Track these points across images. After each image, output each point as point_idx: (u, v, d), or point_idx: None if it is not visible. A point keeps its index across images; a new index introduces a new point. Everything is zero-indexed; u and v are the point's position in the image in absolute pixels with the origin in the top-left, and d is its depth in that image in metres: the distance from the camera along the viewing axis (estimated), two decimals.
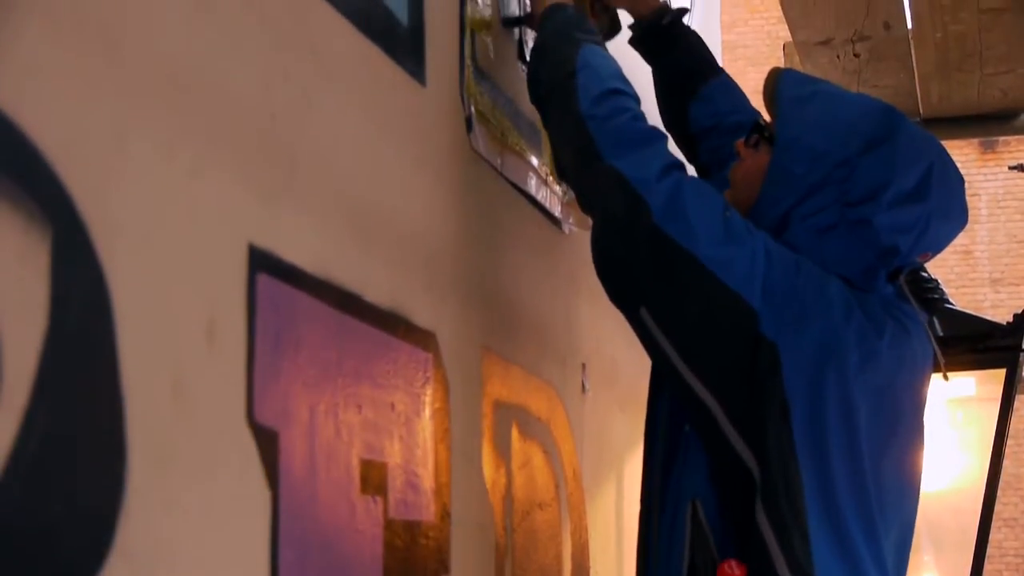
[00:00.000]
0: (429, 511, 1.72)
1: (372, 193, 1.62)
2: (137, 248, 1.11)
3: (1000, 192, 14.10)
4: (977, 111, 5.00)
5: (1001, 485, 3.31)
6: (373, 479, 1.54)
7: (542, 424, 2.30)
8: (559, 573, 2.36)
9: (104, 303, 1.05)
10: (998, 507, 3.40)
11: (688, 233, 1.75)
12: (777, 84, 1.95)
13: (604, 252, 1.85)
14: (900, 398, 1.86)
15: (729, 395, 1.75)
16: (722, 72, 2.39)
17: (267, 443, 1.30)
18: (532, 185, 2.27)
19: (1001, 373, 3.22)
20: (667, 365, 1.79)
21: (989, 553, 3.33)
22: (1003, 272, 14.05)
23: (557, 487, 2.36)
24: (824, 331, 1.75)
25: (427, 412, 1.73)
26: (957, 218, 1.91)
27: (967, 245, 13.72)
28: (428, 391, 1.74)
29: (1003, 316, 3.35)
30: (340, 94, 1.53)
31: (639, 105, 1.92)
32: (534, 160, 2.29)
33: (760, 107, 2.12)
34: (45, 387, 0.96)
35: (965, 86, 4.74)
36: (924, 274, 3.02)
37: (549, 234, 2.43)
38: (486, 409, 2.00)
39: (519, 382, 2.19)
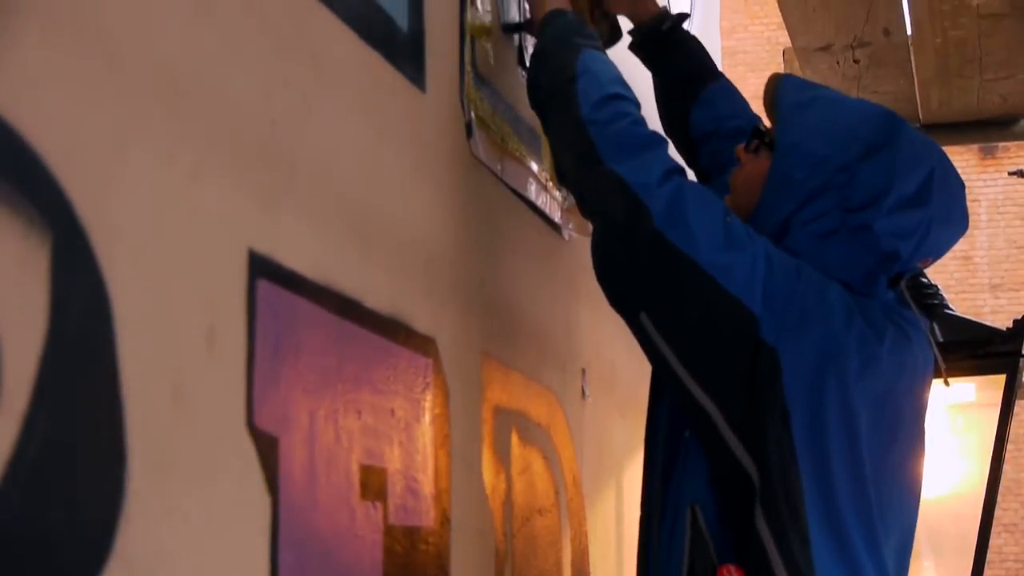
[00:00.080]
0: (429, 517, 1.71)
1: (372, 199, 1.62)
2: (137, 253, 1.11)
3: (1000, 198, 14.11)
4: (977, 117, 5.00)
5: (1001, 490, 3.31)
6: (373, 485, 1.54)
7: (542, 430, 2.30)
8: None
9: (104, 308, 1.05)
10: (998, 512, 3.40)
11: (689, 238, 1.75)
12: (777, 89, 1.95)
13: (604, 257, 1.85)
14: (901, 404, 1.85)
15: (729, 400, 1.74)
16: (722, 77, 2.39)
17: (267, 449, 1.30)
18: (532, 191, 2.27)
19: (1001, 379, 3.22)
20: (667, 370, 1.79)
21: (989, 559, 3.33)
22: (1003, 278, 14.06)
23: (557, 493, 2.36)
24: (825, 337, 1.75)
25: (427, 418, 1.73)
26: (958, 223, 1.91)
27: (967, 251, 13.73)
28: (428, 397, 1.73)
29: (1003, 322, 3.35)
30: (340, 100, 1.53)
31: (639, 110, 1.92)
32: (534, 166, 2.29)
33: (760, 112, 2.12)
34: (45, 392, 0.96)
35: (965, 92, 4.75)
36: (924, 279, 3.02)
37: (549, 240, 2.43)
38: (486, 415, 2.00)
39: (519, 388, 2.19)
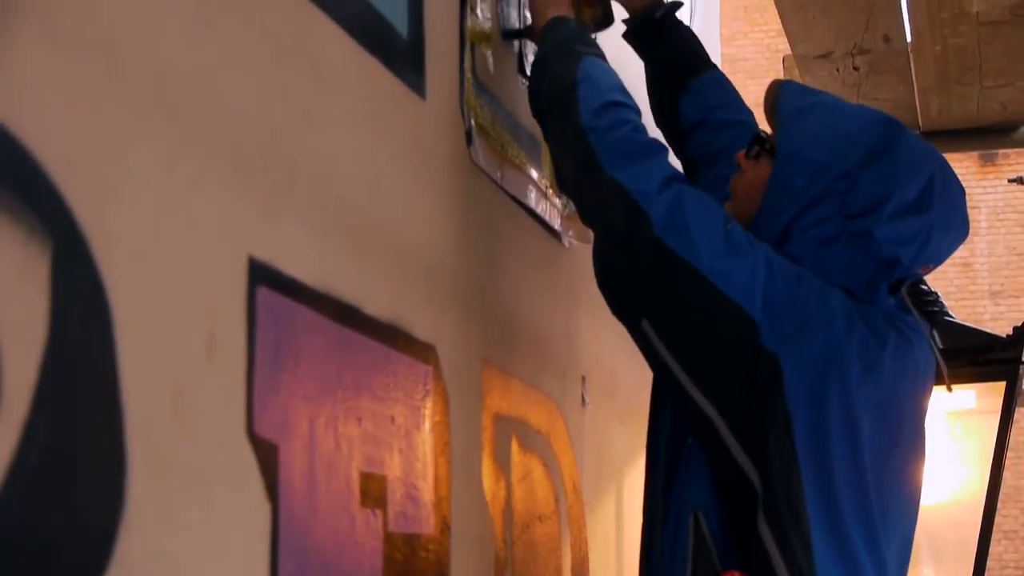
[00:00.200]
0: (429, 524, 1.71)
1: (372, 206, 1.62)
2: (137, 261, 1.11)
3: (1000, 205, 14.11)
4: (977, 124, 5.00)
5: (1001, 497, 3.31)
6: (373, 492, 1.54)
7: (542, 437, 2.30)
8: None
9: (104, 316, 1.05)
10: (998, 519, 3.39)
11: (689, 245, 1.75)
12: (778, 96, 1.95)
13: (605, 264, 1.85)
14: (902, 408, 1.86)
15: (730, 407, 1.75)
16: (715, 68, 2.35)
17: (267, 456, 1.30)
18: (532, 198, 2.27)
19: (1001, 386, 3.22)
20: (669, 377, 1.79)
21: (989, 565, 3.33)
22: (1003, 284, 14.06)
23: (557, 500, 2.36)
24: (826, 343, 1.75)
25: (427, 425, 1.72)
26: (958, 230, 1.91)
27: (967, 257, 13.73)
28: (428, 404, 1.73)
29: (1003, 328, 3.35)
30: (340, 107, 1.53)
31: (640, 117, 1.92)
32: (534, 173, 2.29)
33: (760, 119, 2.12)
34: (45, 400, 0.96)
35: (965, 99, 4.75)
36: (924, 287, 3.02)
37: (549, 247, 2.42)
38: (486, 422, 2.00)
39: (519, 395, 2.19)
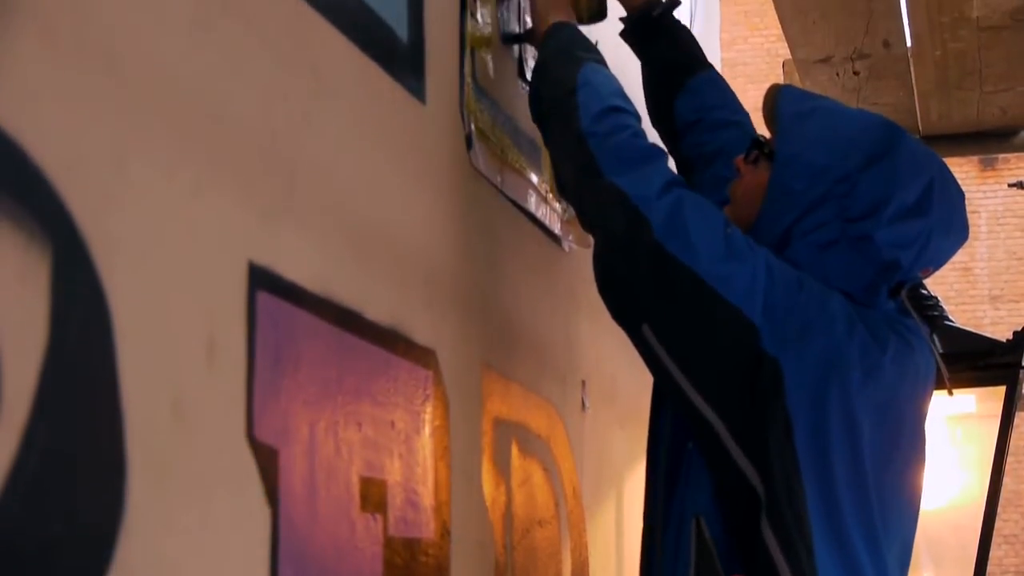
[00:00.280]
0: (429, 529, 1.71)
1: (372, 211, 1.62)
2: (137, 266, 1.11)
3: (1000, 209, 14.12)
4: (976, 129, 5.01)
5: (1001, 502, 3.31)
6: (373, 497, 1.54)
7: (542, 442, 2.30)
8: None
9: (104, 321, 1.05)
10: (998, 524, 3.39)
11: (689, 249, 1.75)
12: (777, 100, 1.95)
13: (606, 269, 1.85)
14: (903, 411, 1.86)
15: (731, 412, 1.74)
16: (711, 67, 2.35)
17: (267, 461, 1.30)
18: (532, 203, 2.27)
19: (1001, 390, 3.22)
20: (670, 382, 1.79)
21: (989, 570, 3.32)
22: (1003, 289, 14.06)
23: (557, 505, 2.36)
24: (827, 347, 1.75)
25: (427, 430, 1.72)
26: (958, 233, 1.91)
27: (966, 262, 13.73)
28: (428, 409, 1.73)
29: (1003, 333, 3.35)
30: (340, 112, 1.53)
31: (640, 122, 1.92)
32: (534, 178, 2.29)
33: (760, 125, 2.12)
34: (45, 405, 0.96)
35: (964, 104, 4.75)
36: (924, 291, 3.02)
37: (549, 252, 2.43)
38: (486, 427, 2.00)
39: (519, 399, 2.19)
